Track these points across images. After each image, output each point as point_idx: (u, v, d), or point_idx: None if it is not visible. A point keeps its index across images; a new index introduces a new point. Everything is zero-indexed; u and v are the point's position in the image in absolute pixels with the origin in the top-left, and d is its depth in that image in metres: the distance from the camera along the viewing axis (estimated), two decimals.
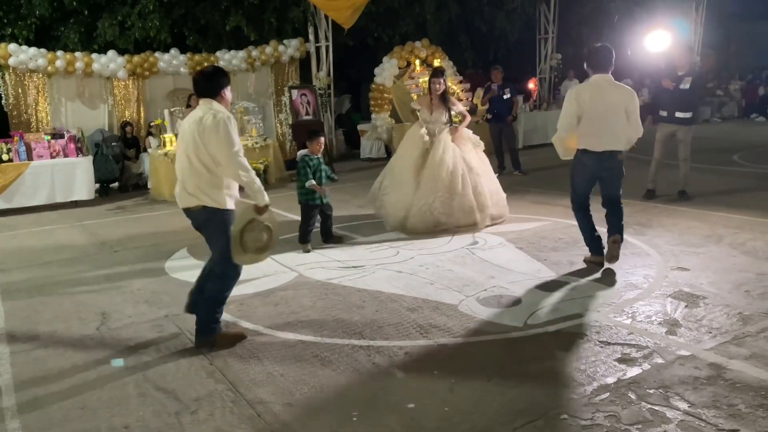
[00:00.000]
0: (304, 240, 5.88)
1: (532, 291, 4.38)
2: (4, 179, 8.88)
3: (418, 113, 6.81)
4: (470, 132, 6.81)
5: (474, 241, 5.86)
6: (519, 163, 10.09)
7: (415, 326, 3.85)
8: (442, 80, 6.55)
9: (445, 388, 3.04)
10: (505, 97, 10.09)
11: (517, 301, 4.19)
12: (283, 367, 3.40)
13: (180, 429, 2.82)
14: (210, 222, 3.68)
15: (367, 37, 14.26)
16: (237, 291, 4.71)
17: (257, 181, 3.60)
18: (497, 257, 5.25)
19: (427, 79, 12.79)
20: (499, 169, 10.15)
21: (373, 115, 13.04)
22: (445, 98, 6.57)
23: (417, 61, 13.00)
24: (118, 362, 2.79)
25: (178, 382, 3.29)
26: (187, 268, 5.48)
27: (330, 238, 6.06)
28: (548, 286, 4.46)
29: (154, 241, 6.74)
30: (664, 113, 7.19)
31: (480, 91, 12.45)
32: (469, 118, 6.94)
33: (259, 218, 3.67)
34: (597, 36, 16.11)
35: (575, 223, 6.11)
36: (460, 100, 12.96)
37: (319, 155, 5.96)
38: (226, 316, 4.21)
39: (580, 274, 4.71)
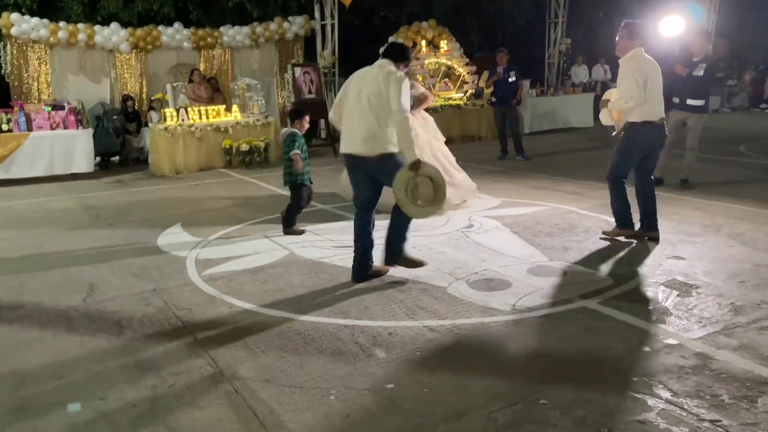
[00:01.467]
0: (292, 224, 5.64)
1: (524, 275, 4.32)
2: (3, 149, 8.87)
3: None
4: (431, 119, 6.89)
5: (469, 224, 5.79)
6: (522, 148, 9.98)
7: (402, 307, 3.81)
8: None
9: (426, 370, 3.00)
10: (510, 80, 9.96)
11: (507, 285, 4.14)
12: (265, 344, 3.36)
13: (155, 402, 2.80)
14: (387, 167, 4.03)
15: (374, 16, 14.10)
16: (226, 267, 4.73)
17: (413, 138, 3.92)
18: (491, 241, 5.19)
19: (433, 60, 12.74)
20: (502, 153, 10.06)
21: None
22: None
23: (423, 42, 12.84)
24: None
25: (159, 356, 3.26)
26: (179, 244, 5.46)
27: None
28: (540, 271, 4.40)
29: (149, 215, 6.71)
30: (675, 100, 7.05)
31: (486, 74, 12.29)
32: (429, 99, 6.93)
33: (418, 174, 3.92)
34: (608, 21, 15.89)
35: (573, 208, 6.08)
36: (465, 82, 12.86)
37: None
38: (212, 292, 4.20)
39: (573, 259, 4.64)
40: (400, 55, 4.18)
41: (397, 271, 4.42)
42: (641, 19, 4.96)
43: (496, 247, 5.02)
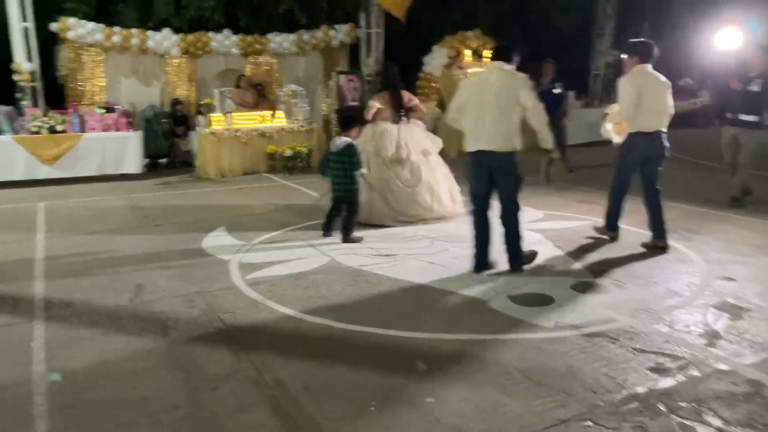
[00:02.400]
0: (350, 232, 5.68)
1: (567, 291, 4.25)
2: (57, 149, 9.18)
3: (381, 111, 6.54)
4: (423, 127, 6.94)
5: None
6: (567, 161, 9.81)
7: (444, 320, 3.79)
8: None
9: (466, 385, 2.97)
10: (555, 91, 9.83)
11: (549, 301, 4.07)
12: (307, 350, 3.39)
13: (198, 404, 2.84)
14: (511, 163, 4.50)
15: (419, 25, 14.12)
16: (269, 272, 4.79)
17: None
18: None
19: (476, 69, 12.67)
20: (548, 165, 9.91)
21: None
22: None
23: (467, 51, 12.79)
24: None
25: (203, 358, 3.32)
26: (223, 247, 5.55)
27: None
28: (584, 287, 4.32)
29: (195, 217, 6.85)
30: (729, 115, 6.86)
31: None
32: (420, 110, 6.86)
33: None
34: (658, 33, 15.55)
35: (618, 224, 5.95)
36: None
37: None
38: (255, 296, 4.26)
39: (619, 276, 4.54)
40: (509, 54, 4.54)
41: (439, 284, 4.41)
42: (648, 40, 5.29)
43: (539, 260, 4.94)
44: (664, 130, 5.15)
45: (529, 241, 5.50)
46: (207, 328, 3.72)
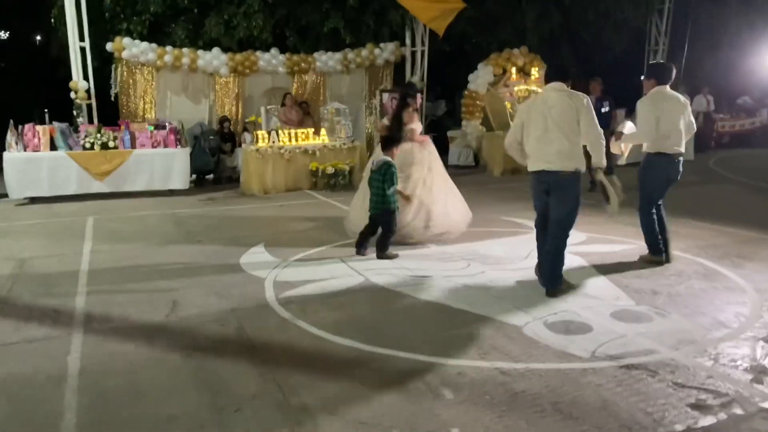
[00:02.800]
0: (386, 248, 5.72)
1: (607, 319, 4.09)
2: (109, 165, 9.49)
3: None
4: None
5: None
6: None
7: (475, 346, 3.70)
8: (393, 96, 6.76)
9: (494, 415, 2.87)
10: (603, 110, 9.60)
11: (587, 329, 3.93)
12: (333, 374, 3.35)
13: (221, 426, 2.84)
14: (572, 184, 4.51)
15: (465, 42, 14.09)
16: (302, 290, 4.78)
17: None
18: (574, 279, 4.95)
19: (522, 87, 12.54)
20: (591, 185, 9.67)
21: (464, 122, 12.86)
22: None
23: (513, 69, 12.68)
24: None
25: (230, 378, 3.32)
26: (260, 265, 5.59)
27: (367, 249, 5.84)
28: (625, 316, 4.15)
29: (236, 234, 6.93)
30: None
31: None
32: (415, 137, 6.54)
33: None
34: (712, 51, 15.09)
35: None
36: None
37: None
38: (287, 315, 4.26)
39: (662, 304, 4.35)
40: (565, 74, 4.63)
41: (474, 308, 4.32)
42: (668, 63, 5.56)
43: (578, 286, 4.79)
44: (683, 150, 5.24)
45: (569, 265, 5.35)
46: (237, 347, 3.73)
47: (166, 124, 10.29)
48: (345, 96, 12.58)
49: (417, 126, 6.58)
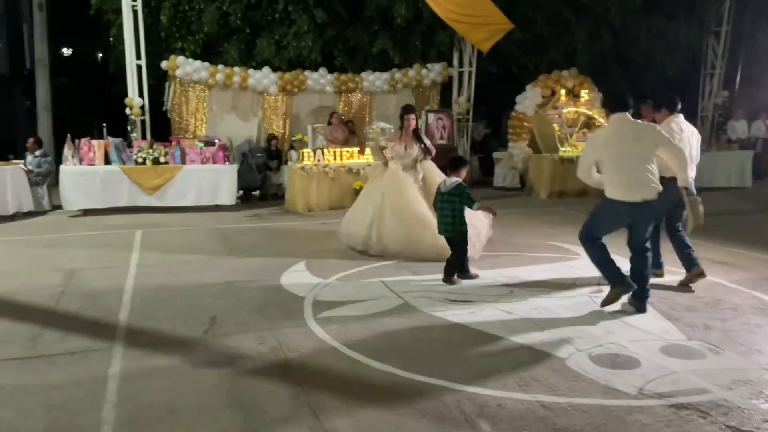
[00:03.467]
0: (467, 270, 5.70)
1: (656, 354, 3.90)
2: (159, 179, 9.74)
3: (387, 151, 6.92)
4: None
5: (599, 288, 5.39)
6: None
7: (515, 376, 3.57)
8: (413, 116, 6.87)
9: None
10: None
11: (635, 364, 3.75)
12: (369, 399, 3.29)
13: None
14: (653, 210, 4.70)
15: (512, 64, 13.99)
16: (341, 311, 4.75)
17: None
18: (620, 310, 4.78)
19: (571, 109, 12.34)
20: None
21: (510, 144, 12.73)
22: (417, 134, 6.89)
23: (562, 91, 12.50)
24: None
25: (264, 399, 3.30)
26: (300, 284, 5.58)
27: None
28: (676, 351, 3.96)
29: (278, 251, 6.98)
30: None
31: None
32: (432, 153, 6.99)
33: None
34: None
35: (720, 280, 5.57)
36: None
37: None
38: (324, 336, 4.22)
39: (716, 340, 4.13)
40: (626, 105, 4.72)
41: (516, 336, 4.20)
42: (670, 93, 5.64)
43: (626, 317, 4.60)
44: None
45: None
46: (273, 368, 3.71)
47: (216, 140, 10.52)
48: (390, 116, 12.61)
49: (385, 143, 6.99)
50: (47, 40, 15.33)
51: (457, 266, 5.66)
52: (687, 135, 5.37)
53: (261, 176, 11.44)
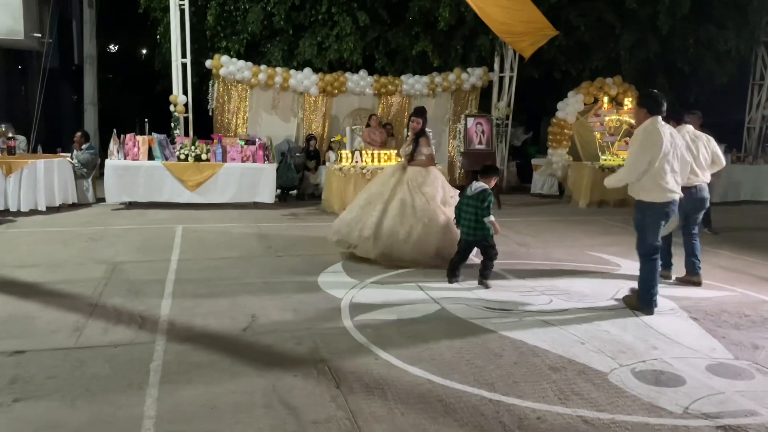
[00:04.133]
0: (487, 277, 5.70)
1: (702, 372, 3.79)
2: (200, 176, 9.90)
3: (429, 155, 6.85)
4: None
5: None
6: (710, 220, 9.02)
7: (555, 389, 3.51)
8: (420, 120, 6.77)
9: None
10: None
11: (680, 381, 3.65)
12: (406, 405, 3.27)
13: None
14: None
15: (554, 70, 13.81)
16: (377, 315, 4.74)
17: None
18: (665, 325, 4.66)
19: (614, 117, 12.12)
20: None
21: (549, 150, 12.56)
22: (416, 139, 6.75)
23: (605, 99, 12.28)
24: None
25: (302, 399, 3.31)
26: (337, 285, 5.60)
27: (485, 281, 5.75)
28: (722, 370, 3.84)
29: (315, 251, 7.01)
30: None
31: None
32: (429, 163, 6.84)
33: None
34: None
35: (766, 298, 5.39)
36: None
37: None
38: (361, 339, 4.22)
39: (764, 361, 4.00)
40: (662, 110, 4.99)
41: (555, 348, 4.13)
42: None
43: (670, 333, 4.49)
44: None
45: (660, 309, 5.07)
46: (310, 369, 3.72)
47: (256, 139, 10.64)
48: (429, 119, 12.51)
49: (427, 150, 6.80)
50: (96, 36, 15.74)
51: (489, 272, 5.66)
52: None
53: (299, 176, 11.52)
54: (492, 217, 5.59)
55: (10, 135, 10.20)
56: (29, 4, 13.38)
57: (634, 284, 5.32)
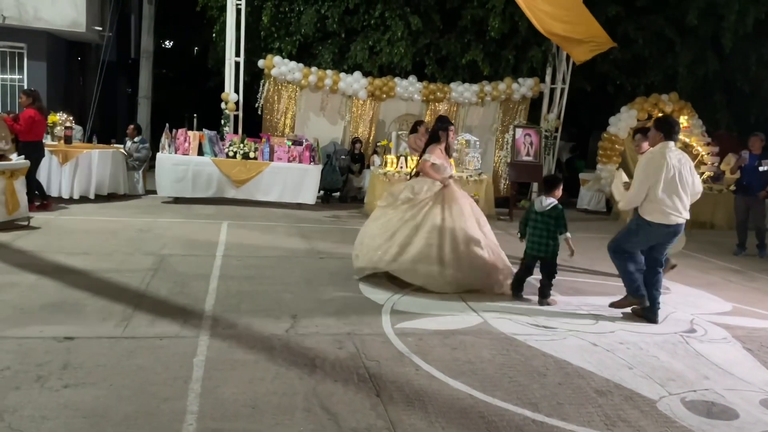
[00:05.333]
0: (548, 296, 5.56)
1: (755, 407, 3.63)
2: (247, 174, 10.02)
3: (432, 166, 6.00)
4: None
5: (691, 328, 5.10)
6: (765, 246, 8.71)
7: (601, 413, 3.41)
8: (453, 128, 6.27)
9: None
10: (761, 169, 8.78)
11: (733, 415, 3.51)
12: (446, 420, 3.22)
13: None
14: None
15: (608, 83, 13.53)
16: (419, 324, 4.70)
17: None
18: (717, 354, 4.49)
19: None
20: (739, 248, 8.86)
21: (599, 165, 12.30)
22: (449, 150, 6.24)
23: (660, 115, 11.95)
24: None
25: (342, 405, 3.29)
26: (379, 290, 5.59)
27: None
28: None
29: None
30: None
31: (731, 158, 11.11)
32: (428, 171, 6.06)
33: None
34: None
35: None
36: (703, 163, 11.71)
37: None
38: (402, 348, 4.18)
39: None
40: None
41: (601, 370, 4.02)
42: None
43: (722, 363, 4.32)
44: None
45: (712, 337, 4.90)
46: (351, 374, 3.70)
47: (303, 140, 10.72)
48: (476, 128, 12.48)
49: (437, 160, 5.99)
50: (153, 32, 16.15)
51: (546, 288, 5.54)
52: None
53: (343, 178, 11.56)
54: (569, 234, 5.48)
55: (68, 124, 10.52)
56: None
57: (685, 309, 5.16)
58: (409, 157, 10.34)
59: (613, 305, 5.34)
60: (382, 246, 5.74)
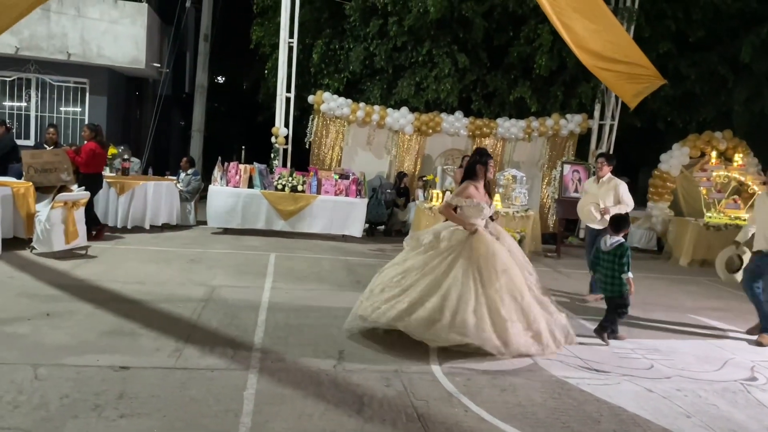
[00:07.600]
0: (616, 332, 5.63)
1: None
2: (295, 206, 10.19)
3: (470, 207, 5.28)
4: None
5: (752, 375, 4.89)
6: None
7: None
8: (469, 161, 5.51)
9: None
10: None
11: None
12: None
13: None
14: None
15: (658, 120, 13.32)
16: (467, 363, 4.63)
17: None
18: None
19: (722, 173, 11.48)
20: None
21: (649, 203, 12.05)
22: (489, 186, 5.49)
23: (713, 153, 11.68)
24: None
25: None
26: None
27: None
28: None
29: None
30: None
31: None
32: (449, 214, 5.49)
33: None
34: None
35: None
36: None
37: None
38: (450, 388, 4.13)
39: None
40: None
41: (657, 419, 3.88)
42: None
43: None
44: None
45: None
46: (399, 414, 3.67)
47: (350, 174, 10.86)
48: (522, 163, 12.43)
49: (464, 201, 5.31)
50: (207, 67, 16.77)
51: (608, 327, 5.54)
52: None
53: (388, 212, 11.63)
54: (630, 275, 5.43)
55: (125, 157, 10.94)
56: (152, 37, 14.45)
57: (744, 355, 4.93)
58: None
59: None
60: (390, 300, 4.99)
